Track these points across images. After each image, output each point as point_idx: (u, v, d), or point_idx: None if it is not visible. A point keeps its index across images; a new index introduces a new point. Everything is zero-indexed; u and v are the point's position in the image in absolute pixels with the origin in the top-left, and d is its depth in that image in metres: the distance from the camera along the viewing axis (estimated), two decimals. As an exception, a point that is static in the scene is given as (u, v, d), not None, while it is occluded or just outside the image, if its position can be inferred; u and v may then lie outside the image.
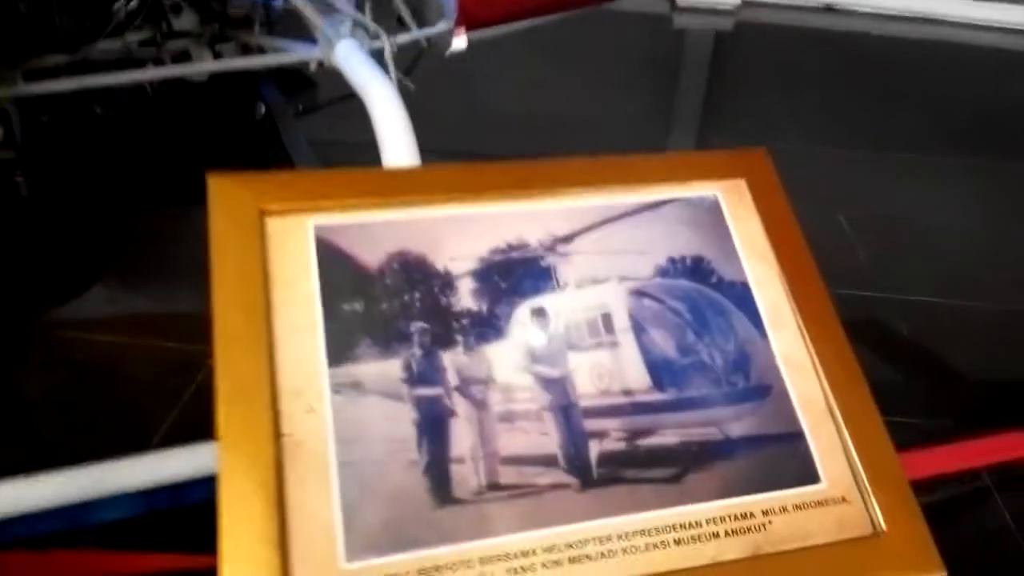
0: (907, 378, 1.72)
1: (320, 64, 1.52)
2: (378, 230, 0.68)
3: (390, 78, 1.29)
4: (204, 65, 1.64)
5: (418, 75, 1.75)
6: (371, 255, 0.67)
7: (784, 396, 0.68)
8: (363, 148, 1.18)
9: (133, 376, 1.51)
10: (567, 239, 0.71)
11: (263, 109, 2.21)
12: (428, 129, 1.27)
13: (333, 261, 0.66)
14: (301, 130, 2.09)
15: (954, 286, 2.03)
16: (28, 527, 1.03)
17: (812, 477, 0.65)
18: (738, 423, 0.66)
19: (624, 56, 2.76)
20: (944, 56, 2.95)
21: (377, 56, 1.41)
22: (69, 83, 1.48)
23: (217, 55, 1.68)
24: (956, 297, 2.02)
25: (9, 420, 1.39)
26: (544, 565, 0.58)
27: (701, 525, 0.61)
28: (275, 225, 0.66)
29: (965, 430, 1.50)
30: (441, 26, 1.51)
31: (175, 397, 1.35)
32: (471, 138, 2.14)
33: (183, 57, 1.68)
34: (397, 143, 1.07)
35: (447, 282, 0.67)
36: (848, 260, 1.94)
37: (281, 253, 0.65)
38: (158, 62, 1.64)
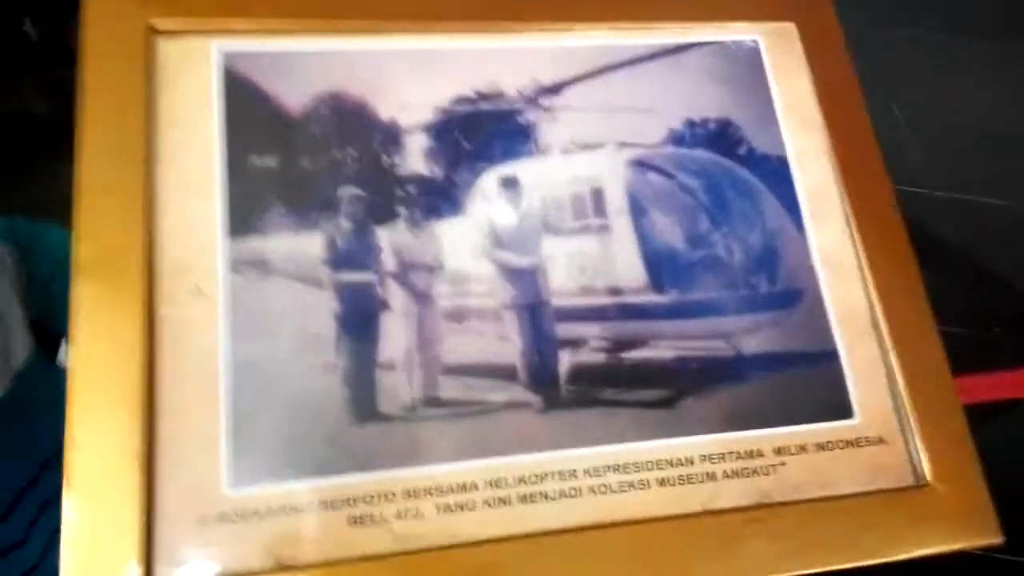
0: (954, 282, 1.59)
1: None
2: (306, 62, 0.52)
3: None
4: None
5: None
6: (294, 95, 0.51)
7: (818, 305, 0.53)
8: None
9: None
10: (554, 89, 0.55)
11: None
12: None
13: (243, 99, 0.50)
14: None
15: (1014, 187, 1.89)
16: None
17: (843, 410, 0.51)
18: (754, 337, 0.52)
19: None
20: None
21: None
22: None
23: None
24: (1015, 199, 1.88)
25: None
26: (487, 503, 0.45)
27: (693, 462, 0.48)
28: (168, 48, 0.50)
29: (1016, 339, 1.37)
30: None
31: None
32: None
33: None
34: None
35: (392, 136, 0.52)
36: (900, 153, 1.79)
37: (174, 85, 0.50)
38: None
